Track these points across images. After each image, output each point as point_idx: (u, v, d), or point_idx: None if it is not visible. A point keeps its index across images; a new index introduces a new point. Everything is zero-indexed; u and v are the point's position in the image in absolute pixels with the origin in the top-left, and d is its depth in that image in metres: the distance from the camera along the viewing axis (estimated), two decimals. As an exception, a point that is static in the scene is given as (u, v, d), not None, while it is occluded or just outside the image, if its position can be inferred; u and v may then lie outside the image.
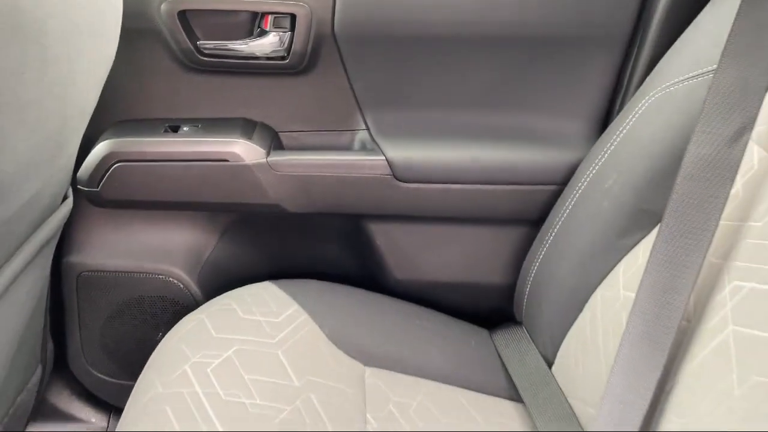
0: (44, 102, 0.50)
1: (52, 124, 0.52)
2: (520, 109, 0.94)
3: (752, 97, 0.63)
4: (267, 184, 0.91)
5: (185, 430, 0.65)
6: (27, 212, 0.59)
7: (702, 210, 0.63)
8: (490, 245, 0.98)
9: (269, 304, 0.85)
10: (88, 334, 1.03)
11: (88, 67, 0.60)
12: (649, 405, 0.61)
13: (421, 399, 0.80)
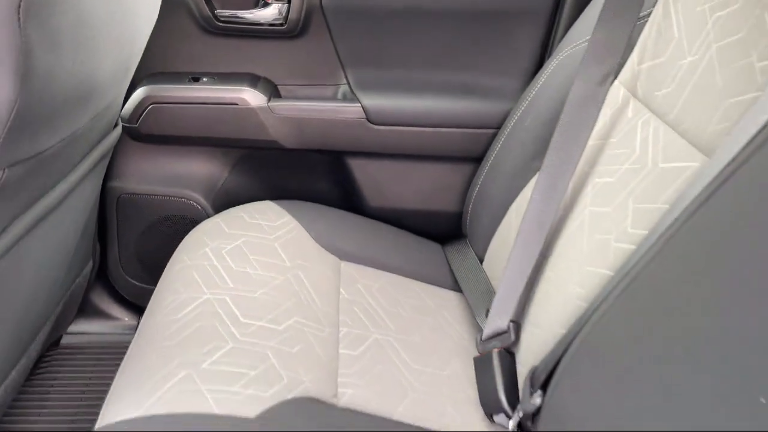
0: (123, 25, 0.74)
1: (125, 49, 0.77)
2: (467, 69, 1.19)
3: (615, 52, 0.88)
4: (268, 123, 1.17)
5: (206, 287, 0.91)
6: (101, 119, 0.84)
7: (577, 131, 0.88)
8: (443, 178, 1.24)
9: (269, 214, 1.11)
10: (124, 247, 1.29)
11: (143, 21, 0.85)
12: (534, 266, 0.87)
13: (383, 283, 1.06)
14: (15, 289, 0.82)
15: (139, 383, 0.74)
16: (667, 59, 0.83)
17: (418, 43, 1.18)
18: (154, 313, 0.88)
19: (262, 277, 0.95)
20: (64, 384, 1.22)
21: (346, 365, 0.86)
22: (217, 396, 0.73)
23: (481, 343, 0.92)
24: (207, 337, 0.82)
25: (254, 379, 0.77)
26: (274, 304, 0.90)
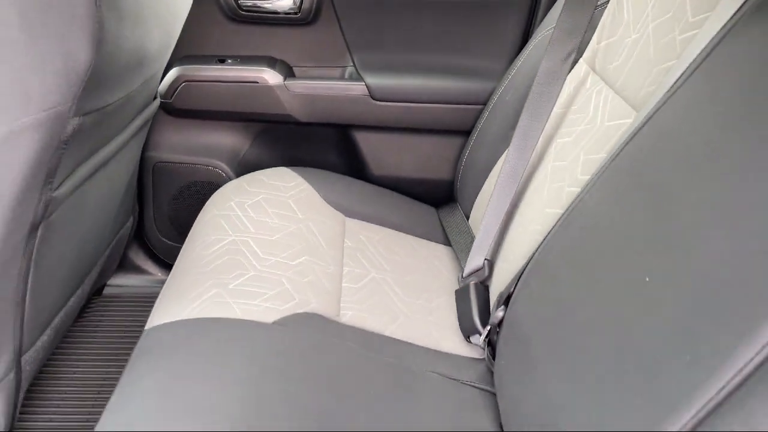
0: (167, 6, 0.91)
1: (168, 27, 0.94)
2: (457, 52, 1.36)
3: (577, 34, 1.04)
4: (284, 100, 1.34)
5: (232, 231, 1.08)
6: (147, 86, 1.02)
7: (544, 101, 1.04)
8: (437, 148, 1.40)
9: (284, 177, 1.28)
10: (158, 209, 1.47)
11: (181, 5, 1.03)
12: (505, 213, 1.03)
13: (382, 236, 1.23)
14: (74, 231, 1.00)
15: (180, 297, 0.92)
16: (618, 38, 0.99)
17: (414, 29, 1.34)
18: (189, 250, 1.05)
19: (278, 225, 1.12)
20: (105, 329, 1.41)
21: (348, 294, 1.03)
22: (241, 306, 0.90)
23: (462, 279, 1.08)
24: (232, 266, 0.99)
25: (271, 298, 0.94)
26: (288, 245, 1.08)
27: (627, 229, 0.69)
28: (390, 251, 1.19)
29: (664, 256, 0.62)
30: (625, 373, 0.60)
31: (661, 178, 0.68)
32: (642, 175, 0.72)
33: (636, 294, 0.63)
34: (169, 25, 0.97)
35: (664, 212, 0.65)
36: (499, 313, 0.91)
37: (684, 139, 0.68)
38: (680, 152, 0.67)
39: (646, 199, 0.69)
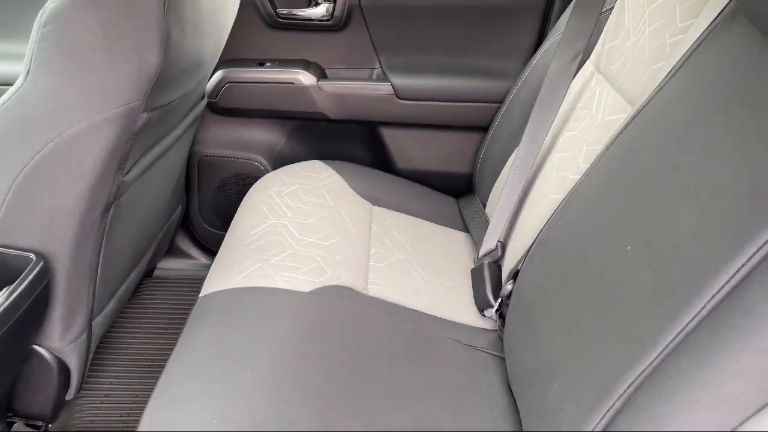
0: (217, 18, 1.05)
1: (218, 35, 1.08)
2: (476, 54, 1.47)
3: (582, 37, 1.15)
4: (317, 99, 1.48)
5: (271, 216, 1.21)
6: (199, 87, 1.16)
7: (553, 98, 1.15)
8: (457, 143, 1.52)
9: (317, 170, 1.40)
10: (202, 200, 1.62)
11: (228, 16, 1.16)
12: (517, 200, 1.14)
13: (407, 223, 1.35)
14: (136, 213, 1.14)
15: (228, 270, 1.06)
16: (619, 41, 1.10)
17: (436, 33, 1.47)
18: (235, 232, 1.19)
19: (312, 211, 1.25)
20: (155, 307, 1.55)
21: (374, 272, 1.15)
22: (281, 278, 1.03)
23: (477, 260, 1.20)
24: (272, 245, 1.12)
25: (306, 272, 1.07)
26: (321, 228, 1.20)
27: (613, 207, 0.81)
28: (413, 236, 1.31)
29: (641, 229, 0.73)
30: (608, 326, 0.71)
31: (641, 163, 0.79)
32: (628, 161, 0.83)
33: (619, 261, 0.74)
34: (219, 34, 1.11)
35: (642, 192, 0.76)
36: (508, 287, 1.03)
37: (662, 130, 0.79)
38: (658, 141, 0.78)
39: (629, 182, 0.80)
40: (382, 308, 1.07)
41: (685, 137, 0.74)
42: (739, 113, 0.68)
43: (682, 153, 0.73)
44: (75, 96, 0.86)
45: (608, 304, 0.73)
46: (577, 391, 0.71)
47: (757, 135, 0.64)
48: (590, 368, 0.71)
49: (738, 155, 0.65)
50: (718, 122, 0.71)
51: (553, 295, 0.87)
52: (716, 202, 0.64)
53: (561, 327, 0.81)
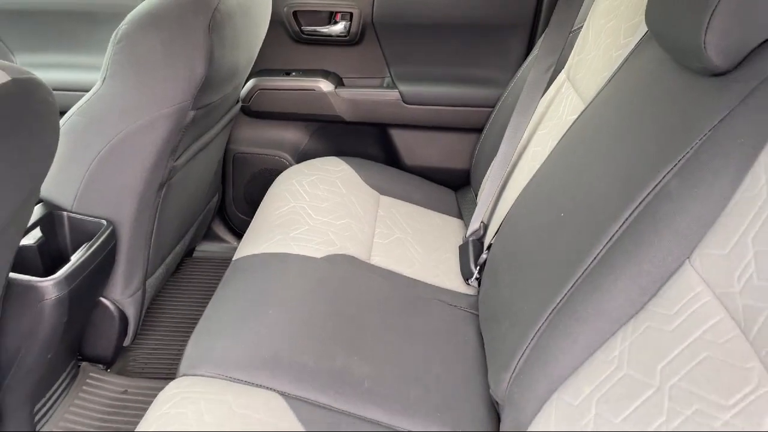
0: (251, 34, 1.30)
1: (251, 49, 1.33)
2: (472, 65, 1.70)
3: (555, 51, 1.36)
4: (335, 103, 1.71)
5: (292, 200, 1.45)
6: (235, 92, 1.40)
7: (529, 102, 1.37)
8: (456, 143, 1.74)
9: (333, 164, 1.64)
10: (236, 190, 1.86)
11: (260, 32, 1.41)
12: (499, 187, 1.35)
13: (409, 210, 1.57)
14: (182, 194, 1.39)
15: (256, 240, 1.29)
16: (584, 55, 1.31)
17: (438, 48, 1.69)
18: (262, 212, 1.43)
19: (327, 197, 1.48)
20: (194, 282, 1.80)
21: (377, 246, 1.38)
22: (298, 246, 1.27)
23: (465, 238, 1.41)
24: (292, 223, 1.36)
25: (319, 243, 1.30)
26: (334, 210, 1.43)
27: (556, 184, 1.02)
28: (413, 220, 1.53)
29: (571, 198, 0.94)
30: (542, 273, 0.93)
31: (578, 149, 1.01)
32: (570, 148, 1.04)
33: (555, 225, 0.96)
34: (251, 48, 1.36)
35: (575, 170, 0.97)
36: (484, 256, 1.24)
37: (595, 122, 1.00)
38: (591, 130, 1.00)
39: (569, 163, 1.01)
40: (381, 274, 1.29)
41: (607, 129, 0.95)
42: (643, 112, 0.90)
43: (603, 139, 0.94)
44: (139, 97, 1.11)
45: (544, 257, 0.94)
46: (518, 322, 0.93)
47: (652, 127, 0.85)
48: (528, 304, 0.92)
49: (638, 140, 0.86)
50: (629, 117, 0.92)
51: (512, 257, 1.09)
52: (619, 171, 0.86)
53: (514, 279, 1.03)
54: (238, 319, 1.07)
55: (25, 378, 1.05)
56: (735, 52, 0.73)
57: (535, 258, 0.98)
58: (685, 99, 0.81)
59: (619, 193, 0.83)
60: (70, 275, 1.03)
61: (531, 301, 0.93)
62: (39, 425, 1.15)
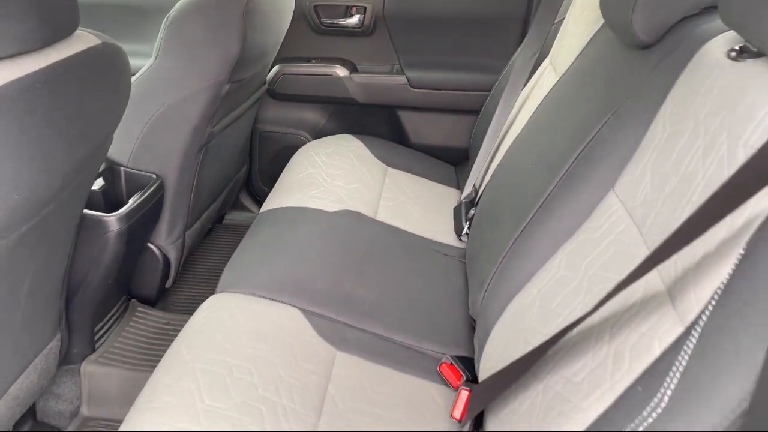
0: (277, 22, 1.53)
1: (277, 34, 1.56)
2: (472, 54, 1.91)
3: (539, 40, 1.57)
4: (350, 87, 1.94)
5: (311, 168, 1.67)
6: (262, 72, 1.64)
7: (517, 83, 1.58)
8: (457, 123, 1.95)
9: (347, 141, 1.86)
10: (261, 166, 2.10)
11: (285, 21, 1.64)
12: (490, 157, 1.57)
13: (412, 180, 1.78)
14: (217, 157, 1.62)
15: (279, 198, 1.52)
16: (563, 42, 1.52)
17: (442, 38, 1.91)
18: (283, 177, 1.65)
19: (340, 167, 1.70)
20: (223, 246, 2.03)
21: (382, 207, 1.59)
22: (314, 202, 1.49)
23: (459, 202, 1.63)
24: (309, 185, 1.58)
25: (331, 201, 1.52)
26: (345, 177, 1.65)
27: (529, 144, 1.23)
28: (415, 187, 1.74)
29: (537, 154, 1.15)
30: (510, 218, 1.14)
31: (547, 115, 1.22)
32: (543, 115, 1.25)
33: (524, 176, 1.17)
34: (278, 33, 1.59)
35: (542, 132, 1.18)
36: (472, 212, 1.46)
37: (559, 93, 1.21)
38: (556, 100, 1.21)
39: (539, 127, 1.22)
40: (384, 227, 1.51)
41: (566, 97, 1.16)
42: (592, 82, 1.10)
43: (563, 106, 1.15)
44: (185, 72, 1.35)
45: (513, 201, 1.16)
46: (491, 253, 1.14)
47: (596, 92, 1.06)
48: (499, 238, 1.14)
49: (585, 103, 1.07)
50: (582, 86, 1.13)
51: (491, 208, 1.30)
52: (569, 129, 1.07)
53: (491, 224, 1.24)
54: (264, 254, 1.30)
55: (90, 299, 1.28)
56: (657, 28, 0.94)
57: (507, 203, 1.19)
58: (620, 69, 1.02)
59: (568, 145, 1.04)
60: (127, 214, 1.26)
61: (501, 235, 1.14)
62: (97, 344, 1.38)
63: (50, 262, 1.02)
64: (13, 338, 1.00)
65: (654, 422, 0.54)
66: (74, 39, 0.84)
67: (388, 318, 1.20)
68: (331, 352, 1.09)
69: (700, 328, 0.55)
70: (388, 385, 1.07)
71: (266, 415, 0.93)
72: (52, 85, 0.77)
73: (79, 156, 0.89)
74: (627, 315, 0.71)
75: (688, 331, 0.58)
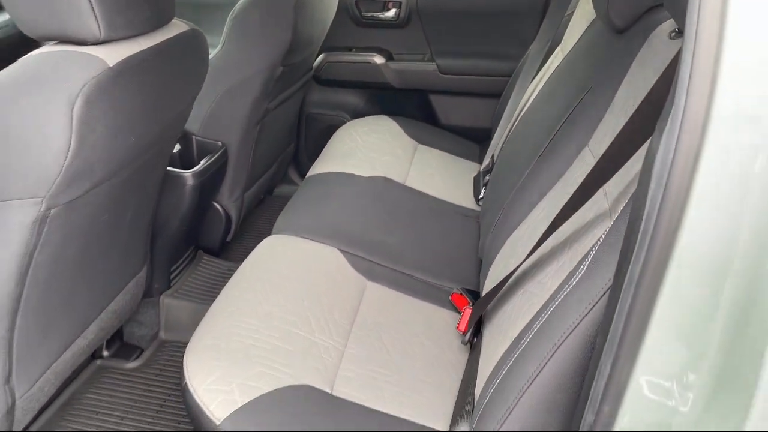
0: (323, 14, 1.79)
1: (323, 25, 1.82)
2: (495, 43, 2.14)
3: (552, 29, 1.80)
4: (386, 72, 2.19)
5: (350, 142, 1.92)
6: (309, 58, 1.90)
7: (531, 68, 1.80)
8: (481, 105, 2.19)
9: (382, 121, 2.11)
10: (307, 144, 2.37)
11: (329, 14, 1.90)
12: (505, 135, 1.80)
13: (438, 155, 2.02)
14: (270, 133, 1.89)
15: (323, 164, 1.78)
16: (572, 32, 1.74)
17: (468, 29, 2.14)
18: (326, 150, 1.92)
19: (375, 142, 1.95)
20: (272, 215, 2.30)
21: (411, 176, 1.83)
22: (351, 170, 1.74)
23: (479, 172, 1.86)
24: (348, 156, 1.83)
25: (368, 168, 1.77)
26: (380, 150, 1.90)
27: (532, 115, 1.46)
28: (441, 161, 1.98)
29: (537, 122, 1.38)
30: (514, 171, 1.37)
31: (549, 90, 1.44)
32: (546, 91, 1.48)
33: (529, 142, 1.40)
34: (323, 23, 1.86)
35: (542, 104, 1.41)
36: (487, 178, 1.69)
37: (558, 72, 1.44)
38: (555, 78, 1.44)
39: (542, 100, 1.45)
40: (411, 191, 1.75)
41: (562, 75, 1.39)
42: (582, 62, 1.33)
43: (561, 82, 1.38)
44: (246, 56, 1.62)
45: (515, 162, 1.39)
46: (496, 206, 1.37)
47: (583, 69, 1.28)
48: (502, 193, 1.37)
49: (573, 78, 1.30)
50: (573, 65, 1.36)
51: (499, 171, 1.53)
52: (561, 100, 1.29)
53: (500, 184, 1.47)
54: (310, 207, 1.56)
55: (168, 242, 1.56)
56: (629, 15, 1.16)
57: (512, 165, 1.43)
58: (601, 51, 1.25)
59: (557, 114, 1.27)
60: (200, 172, 1.54)
61: (505, 189, 1.37)
62: (172, 282, 1.67)
63: (144, 203, 1.31)
64: (117, 260, 1.28)
65: (581, 278, 0.78)
66: (172, 26, 1.11)
67: (410, 259, 1.45)
68: (362, 281, 1.34)
69: (612, 223, 0.79)
70: (408, 308, 1.31)
71: (313, 322, 1.19)
72: (158, 58, 1.04)
73: (171, 114, 1.17)
74: (582, 230, 0.94)
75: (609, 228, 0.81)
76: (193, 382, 1.00)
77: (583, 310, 0.75)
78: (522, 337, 0.87)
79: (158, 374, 1.53)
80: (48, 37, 0.94)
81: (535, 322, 0.85)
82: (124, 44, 0.98)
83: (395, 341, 1.21)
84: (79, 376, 1.47)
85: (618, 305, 0.63)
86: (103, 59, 0.92)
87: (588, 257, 0.79)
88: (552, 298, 0.85)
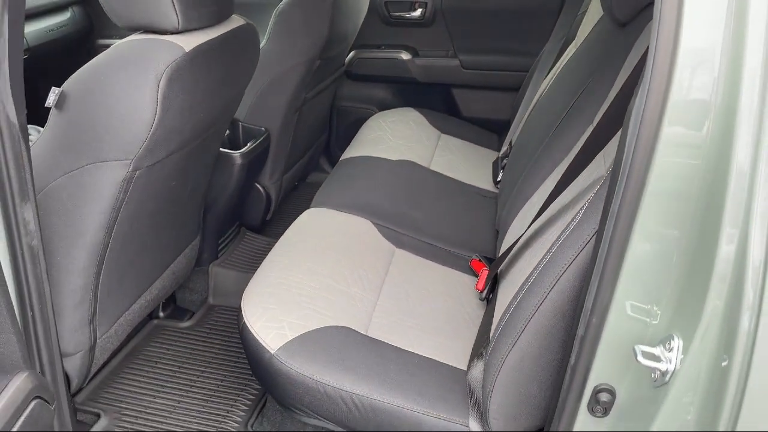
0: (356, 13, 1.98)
1: (355, 23, 2.00)
2: (514, 41, 2.30)
3: (566, 26, 1.95)
4: (412, 68, 2.37)
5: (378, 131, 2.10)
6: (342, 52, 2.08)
7: (546, 62, 1.96)
8: (501, 98, 2.35)
9: (408, 112, 2.28)
10: (339, 134, 2.55)
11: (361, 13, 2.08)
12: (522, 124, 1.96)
13: (460, 144, 2.19)
14: (305, 122, 2.07)
15: (352, 150, 1.96)
16: (586, 28, 1.89)
17: (489, 28, 2.31)
18: (358, 137, 2.09)
19: (401, 130, 2.12)
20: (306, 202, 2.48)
21: (435, 161, 2.00)
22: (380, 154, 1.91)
23: (498, 157, 2.02)
24: (377, 142, 2.01)
25: (395, 153, 1.94)
26: (406, 138, 2.08)
27: (546, 101, 1.62)
28: (463, 149, 2.15)
29: (549, 108, 1.55)
30: (528, 150, 1.53)
31: (561, 80, 1.60)
32: (558, 80, 1.64)
33: (542, 125, 1.56)
34: (356, 20, 2.04)
35: (554, 91, 1.57)
36: (505, 161, 1.85)
37: (568, 64, 1.60)
38: (566, 68, 1.60)
39: (554, 88, 1.61)
40: (435, 173, 1.92)
41: (572, 65, 1.55)
42: (590, 55, 1.49)
43: (571, 71, 1.54)
44: (288, 50, 1.80)
45: (530, 143, 1.55)
46: (512, 181, 1.54)
47: (589, 59, 1.44)
48: (518, 170, 1.53)
49: (581, 67, 1.46)
50: (582, 56, 1.51)
51: (518, 152, 1.70)
52: (569, 87, 1.45)
53: (516, 164, 1.64)
54: (344, 184, 1.74)
55: (217, 216, 1.75)
56: (630, 9, 1.32)
57: (526, 148, 1.59)
58: (607, 43, 1.41)
59: (567, 99, 1.43)
60: (247, 153, 1.73)
61: (519, 170, 1.53)
62: (219, 253, 1.86)
63: (201, 176, 1.49)
64: (178, 226, 1.47)
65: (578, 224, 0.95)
66: (232, 20, 1.30)
67: (434, 231, 1.62)
68: (391, 248, 1.51)
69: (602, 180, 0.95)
70: (431, 272, 1.48)
71: (349, 278, 1.36)
72: (222, 46, 1.23)
73: (228, 97, 1.35)
74: (583, 192, 1.10)
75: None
76: (250, 320, 1.18)
77: (578, 247, 0.91)
78: (528, 280, 1.04)
79: (208, 333, 1.71)
80: (136, 27, 1.13)
81: (540, 264, 1.01)
82: (196, 34, 1.16)
83: (421, 297, 1.37)
84: (138, 332, 1.66)
85: (603, 236, 0.79)
86: (181, 46, 1.10)
87: (584, 208, 0.96)
88: (554, 243, 1.01)
